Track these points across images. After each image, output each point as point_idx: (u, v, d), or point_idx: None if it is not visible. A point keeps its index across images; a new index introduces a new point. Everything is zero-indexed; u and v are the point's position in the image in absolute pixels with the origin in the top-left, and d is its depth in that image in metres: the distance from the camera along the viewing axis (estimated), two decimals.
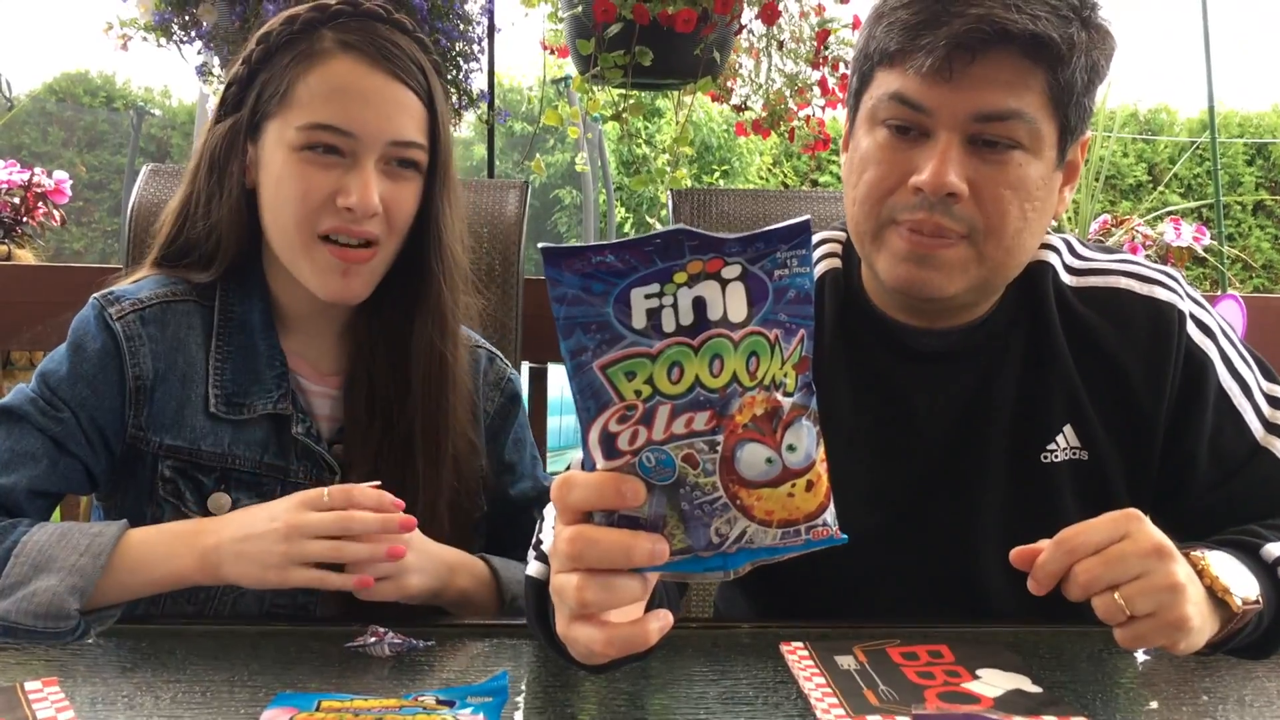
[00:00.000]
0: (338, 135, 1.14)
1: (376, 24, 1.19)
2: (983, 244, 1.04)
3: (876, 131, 1.07)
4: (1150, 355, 1.12)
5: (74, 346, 1.18)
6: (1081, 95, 1.04)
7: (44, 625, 1.01)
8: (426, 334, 1.22)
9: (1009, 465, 1.13)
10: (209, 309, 1.22)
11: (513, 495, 1.36)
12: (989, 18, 0.98)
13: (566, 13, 2.05)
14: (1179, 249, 2.45)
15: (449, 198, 1.23)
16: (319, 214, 1.15)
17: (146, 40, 1.93)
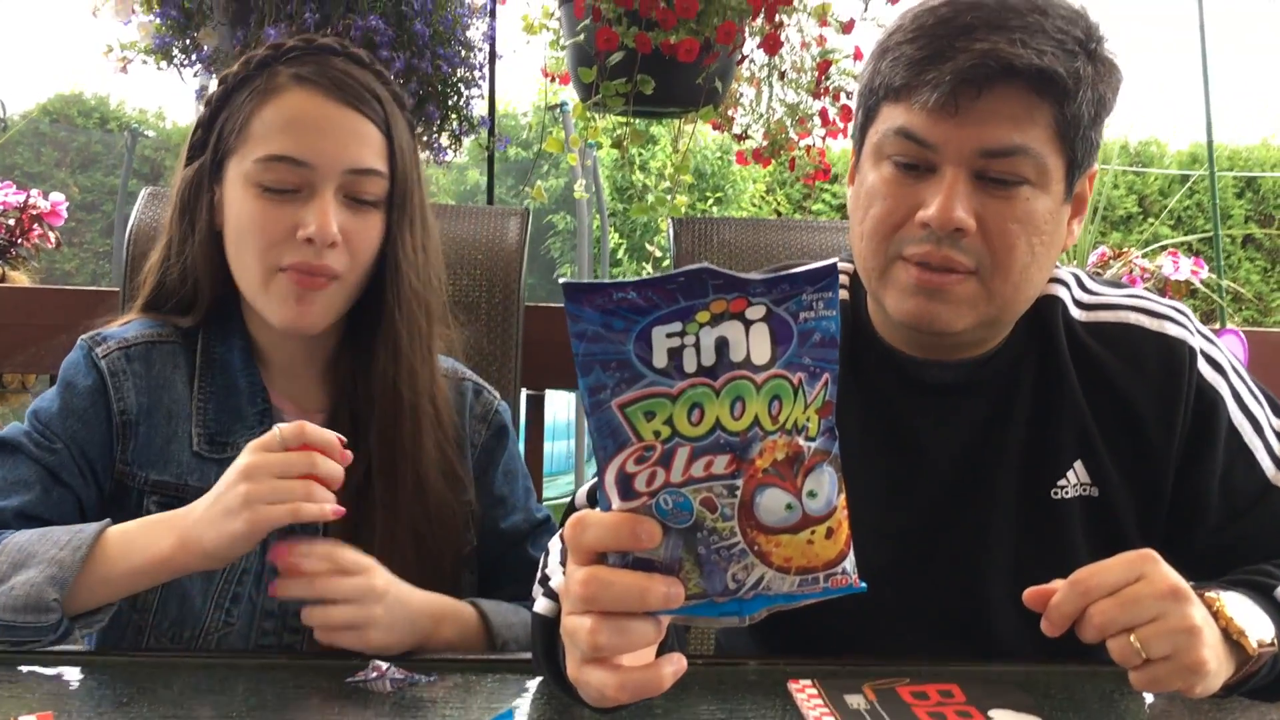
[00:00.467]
0: (294, 166, 1.14)
1: (331, 57, 1.20)
2: (990, 279, 1.03)
3: (882, 166, 1.06)
4: (1161, 392, 1.11)
5: (65, 385, 1.20)
6: (1088, 129, 1.03)
7: (24, 620, 0.99)
8: (379, 367, 1.21)
9: (1019, 501, 1.12)
10: (193, 351, 1.23)
11: (504, 528, 1.34)
12: (994, 53, 0.97)
13: (569, 40, 2.05)
14: (1177, 282, 2.45)
15: (412, 229, 1.22)
16: (279, 249, 1.15)
17: (146, 63, 1.92)
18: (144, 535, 1.05)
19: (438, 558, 1.23)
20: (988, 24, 0.99)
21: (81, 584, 1.02)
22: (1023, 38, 0.98)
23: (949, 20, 1.00)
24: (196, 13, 1.90)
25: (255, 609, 1.18)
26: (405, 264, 1.21)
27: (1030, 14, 0.99)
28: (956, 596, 1.13)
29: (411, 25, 1.91)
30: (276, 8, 1.82)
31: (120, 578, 1.04)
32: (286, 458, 1.03)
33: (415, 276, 1.22)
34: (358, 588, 1.07)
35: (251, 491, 1.00)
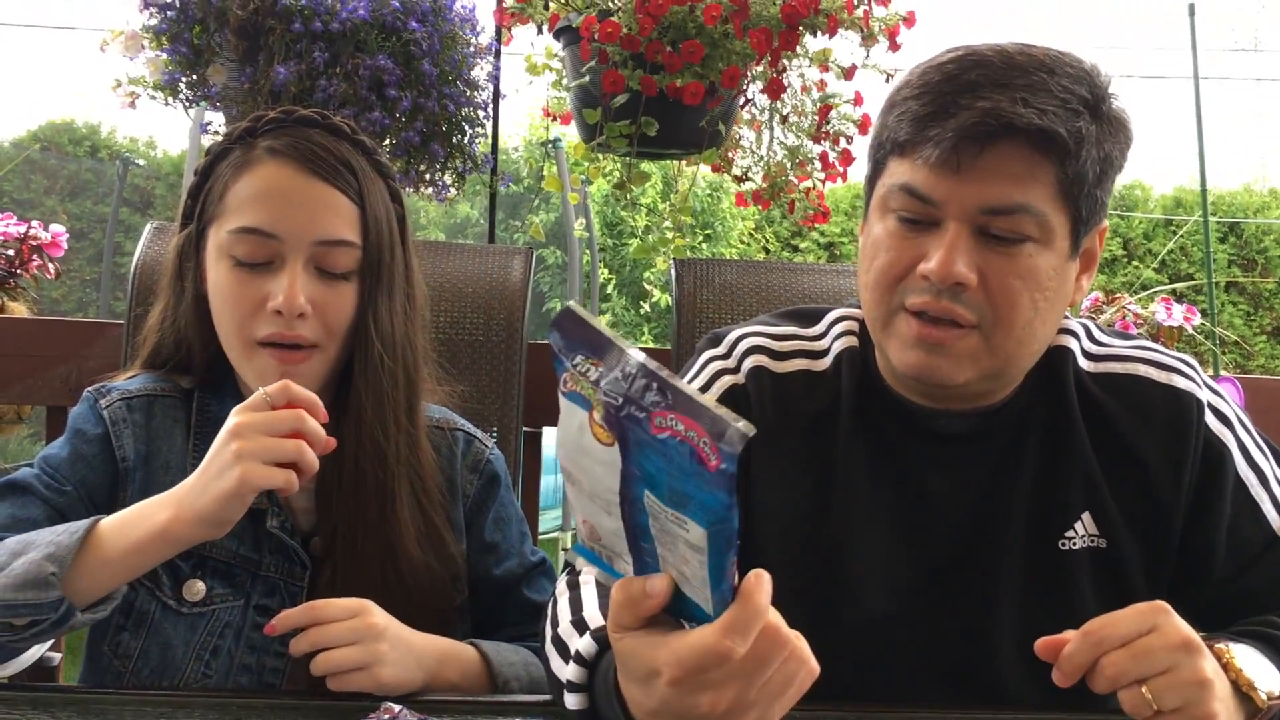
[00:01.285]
0: (264, 238, 1.16)
1: (309, 130, 1.22)
2: (993, 334, 1.04)
3: (888, 220, 1.08)
4: (1169, 444, 1.12)
5: (75, 432, 1.23)
6: (1094, 187, 1.04)
7: (25, 597, 0.99)
8: (346, 445, 1.19)
9: (1026, 551, 1.13)
10: (190, 408, 1.25)
11: (498, 575, 1.35)
12: (995, 111, 0.99)
13: (573, 82, 2.07)
14: (1170, 328, 2.48)
15: (391, 296, 1.23)
16: (253, 321, 1.17)
17: (155, 99, 1.93)
18: (138, 514, 1.06)
19: (415, 622, 1.23)
20: (992, 82, 1.00)
21: (82, 568, 1.02)
22: (1025, 96, 0.99)
23: (955, 77, 1.02)
24: (205, 49, 1.91)
25: (233, 662, 1.19)
26: (376, 336, 1.21)
27: (1036, 72, 1.01)
28: (965, 645, 1.14)
29: (419, 65, 1.93)
30: (286, 47, 1.84)
31: (120, 558, 1.04)
32: (274, 415, 1.04)
33: (388, 349, 1.22)
34: (356, 629, 1.08)
35: (242, 448, 1.01)
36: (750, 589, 0.71)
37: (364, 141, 1.25)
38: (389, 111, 1.93)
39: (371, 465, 1.20)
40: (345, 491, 1.20)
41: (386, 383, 1.22)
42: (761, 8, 1.95)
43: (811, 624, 1.15)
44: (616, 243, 10.05)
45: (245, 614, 1.20)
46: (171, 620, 1.18)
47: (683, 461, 0.67)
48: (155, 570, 1.16)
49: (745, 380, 1.19)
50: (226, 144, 1.23)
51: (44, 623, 1.00)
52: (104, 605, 1.05)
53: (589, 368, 0.71)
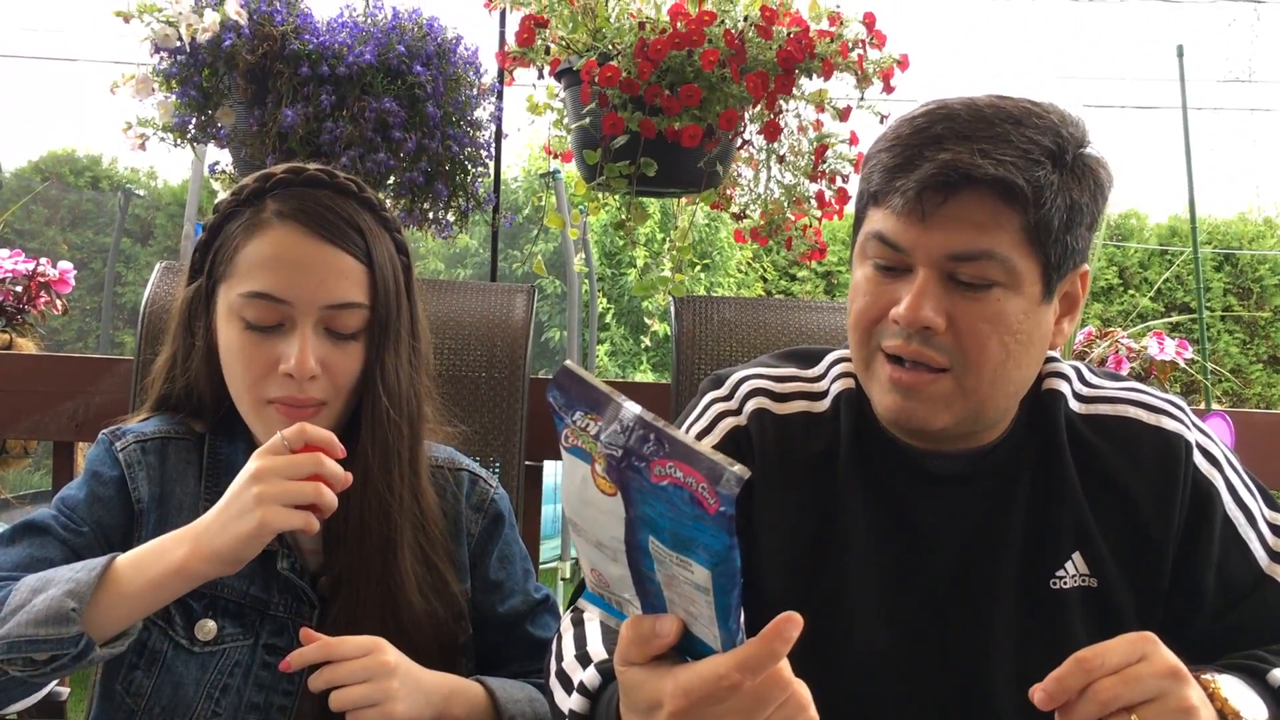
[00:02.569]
0: (274, 303, 1.19)
1: (318, 190, 1.24)
2: (964, 377, 1.08)
3: (865, 265, 1.13)
4: (1159, 485, 1.15)
5: (92, 474, 1.26)
6: (1061, 233, 1.06)
7: (46, 633, 1.01)
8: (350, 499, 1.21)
9: (1018, 589, 1.15)
10: (202, 451, 1.28)
11: (502, 612, 1.37)
12: (954, 164, 1.03)
13: (574, 123, 2.11)
14: (1162, 363, 2.51)
15: (398, 350, 1.26)
16: (264, 382, 1.20)
17: (164, 140, 1.97)
18: (153, 551, 1.09)
19: (419, 662, 1.26)
20: (956, 135, 1.05)
21: (100, 604, 1.05)
22: (985, 148, 1.03)
23: (922, 130, 1.07)
24: (214, 92, 1.95)
25: (241, 701, 1.21)
26: (383, 393, 1.24)
27: (1002, 124, 1.05)
28: (960, 682, 1.16)
29: (424, 107, 1.97)
30: (293, 90, 1.88)
31: (137, 593, 1.07)
32: (294, 459, 1.08)
33: (394, 403, 1.25)
34: (369, 666, 1.11)
35: (263, 493, 1.05)
36: (775, 631, 0.74)
37: (370, 198, 1.27)
38: (394, 152, 1.97)
39: (375, 519, 1.23)
40: (349, 543, 1.23)
41: (392, 436, 1.24)
42: (758, 52, 1.99)
43: (811, 659, 1.18)
44: (615, 272, 10.10)
45: (254, 653, 1.22)
46: (183, 659, 1.20)
47: (683, 506, 0.70)
48: (168, 610, 1.19)
49: (747, 422, 1.22)
50: (235, 203, 1.25)
51: (64, 657, 1.02)
52: (121, 640, 1.08)
53: (588, 423, 0.74)
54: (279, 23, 1.90)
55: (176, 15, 1.87)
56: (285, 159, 1.96)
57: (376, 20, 2.00)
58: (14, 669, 1.03)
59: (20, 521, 1.22)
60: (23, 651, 1.02)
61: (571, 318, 4.82)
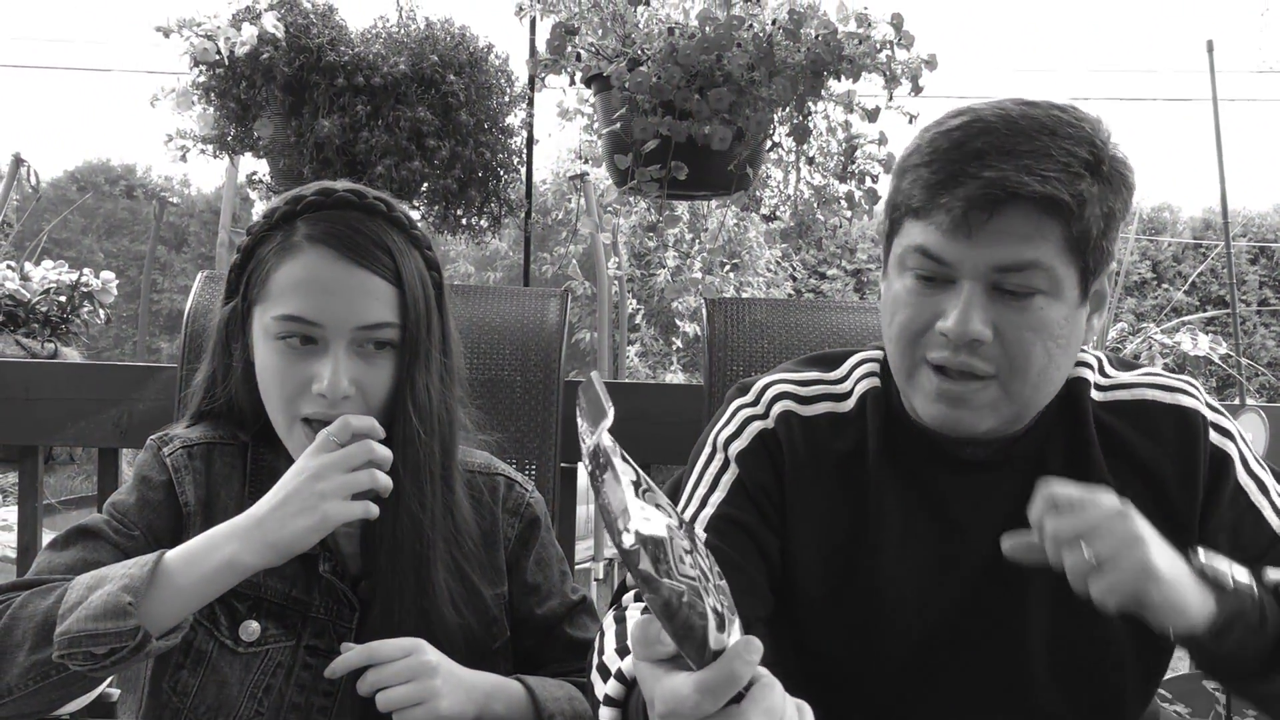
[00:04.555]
0: (307, 325, 1.20)
1: (347, 212, 1.25)
2: (1010, 383, 1.09)
3: (905, 277, 1.13)
4: (1181, 459, 1.18)
5: (141, 479, 1.29)
6: (1099, 240, 1.09)
7: (104, 627, 1.05)
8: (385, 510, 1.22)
9: (1052, 571, 1.17)
10: (246, 458, 1.31)
11: (540, 614, 1.39)
12: (1001, 181, 1.03)
13: (604, 129, 2.13)
14: (1195, 358, 2.51)
15: (428, 366, 1.27)
16: (297, 400, 1.22)
17: (204, 152, 2.01)
18: (205, 546, 1.12)
19: (477, 653, 1.28)
20: (997, 150, 1.05)
21: (154, 598, 1.08)
22: (1027, 163, 1.03)
23: (961, 145, 1.07)
24: (252, 104, 1.99)
25: (283, 701, 1.24)
26: (414, 413, 1.25)
27: (1039, 136, 1.05)
28: (996, 666, 1.18)
29: (457, 115, 2.00)
30: (330, 100, 1.91)
31: (190, 588, 1.10)
32: (348, 453, 1.13)
33: (424, 420, 1.26)
34: (411, 666, 1.15)
35: (325, 488, 1.11)
36: (734, 654, 0.74)
37: (399, 217, 1.28)
38: (428, 160, 2.00)
39: (409, 537, 1.25)
40: (383, 561, 1.25)
41: (424, 456, 1.26)
42: (787, 54, 2.01)
43: (851, 650, 1.21)
44: (645, 273, 10.14)
45: (296, 654, 1.25)
46: (228, 659, 1.23)
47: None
48: (213, 610, 1.22)
49: (775, 425, 1.24)
50: (267, 226, 1.26)
51: (123, 650, 1.06)
52: (175, 633, 1.11)
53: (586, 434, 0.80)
54: (315, 35, 1.93)
55: (215, 30, 1.91)
56: (322, 168, 2.00)
57: (410, 31, 2.03)
58: (74, 663, 1.06)
59: (73, 526, 1.25)
60: (83, 646, 1.05)
61: (602, 319, 4.84)
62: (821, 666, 1.23)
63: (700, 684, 0.73)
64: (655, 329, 10.01)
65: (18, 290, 2.39)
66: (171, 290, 13.40)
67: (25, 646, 1.08)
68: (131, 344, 10.92)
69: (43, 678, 1.08)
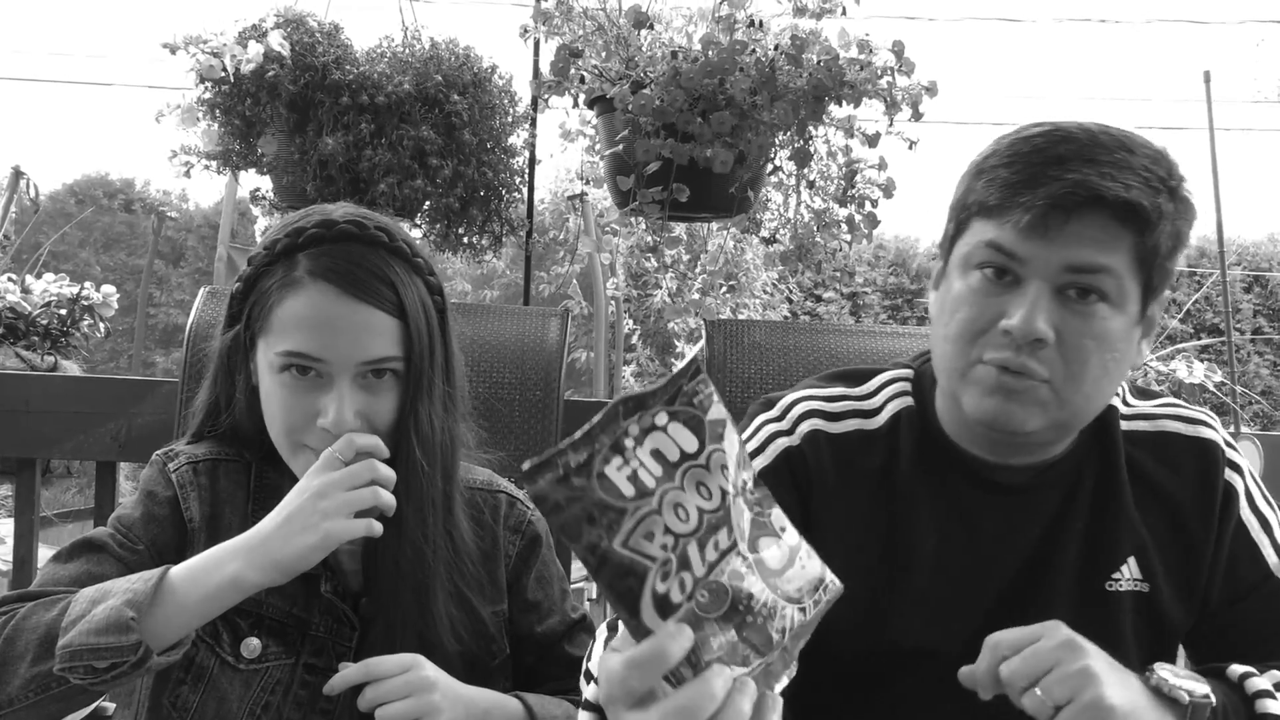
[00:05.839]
0: (311, 361, 1.21)
1: (350, 246, 1.24)
2: (1063, 388, 1.10)
3: (970, 275, 1.13)
4: (1199, 490, 1.20)
5: (147, 494, 1.29)
6: (1165, 259, 1.10)
7: (106, 641, 1.05)
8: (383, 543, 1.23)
9: (1076, 591, 1.19)
10: (251, 475, 1.32)
11: (540, 632, 1.39)
12: (1085, 183, 1.05)
13: (607, 150, 2.15)
14: (1191, 385, 2.52)
15: (431, 395, 1.27)
16: (301, 431, 1.22)
17: (208, 168, 2.02)
18: (208, 563, 1.13)
19: (479, 672, 1.29)
20: (1079, 157, 1.06)
21: (157, 614, 1.08)
22: (1111, 171, 1.06)
23: (1043, 150, 1.08)
24: (257, 121, 2.00)
25: (281, 718, 1.24)
26: (417, 443, 1.25)
27: (1118, 151, 1.07)
28: None
29: (460, 134, 2.01)
30: (334, 119, 1.92)
31: (194, 605, 1.10)
32: (351, 471, 1.14)
33: (427, 449, 1.26)
34: (410, 682, 1.15)
35: (328, 506, 1.12)
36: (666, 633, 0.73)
37: (400, 247, 1.27)
38: (430, 179, 2.01)
39: (410, 565, 1.25)
40: (384, 589, 1.25)
41: (426, 485, 1.26)
42: (789, 79, 2.02)
43: (877, 669, 1.21)
44: (641, 293, 10.15)
45: (294, 672, 1.25)
46: (228, 676, 1.23)
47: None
48: (215, 627, 1.22)
49: (801, 443, 1.25)
50: (269, 258, 1.26)
51: (124, 665, 1.06)
52: (177, 649, 1.11)
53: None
54: (320, 54, 1.94)
55: (221, 47, 1.92)
56: (325, 186, 2.01)
57: (415, 51, 2.05)
58: (75, 677, 1.06)
59: (78, 539, 1.25)
60: (84, 660, 1.05)
61: (598, 339, 4.85)
62: (844, 682, 1.23)
63: (629, 659, 0.73)
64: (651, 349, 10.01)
65: (18, 303, 2.39)
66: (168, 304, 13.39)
67: (27, 658, 1.08)
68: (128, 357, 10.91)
69: (43, 690, 1.08)
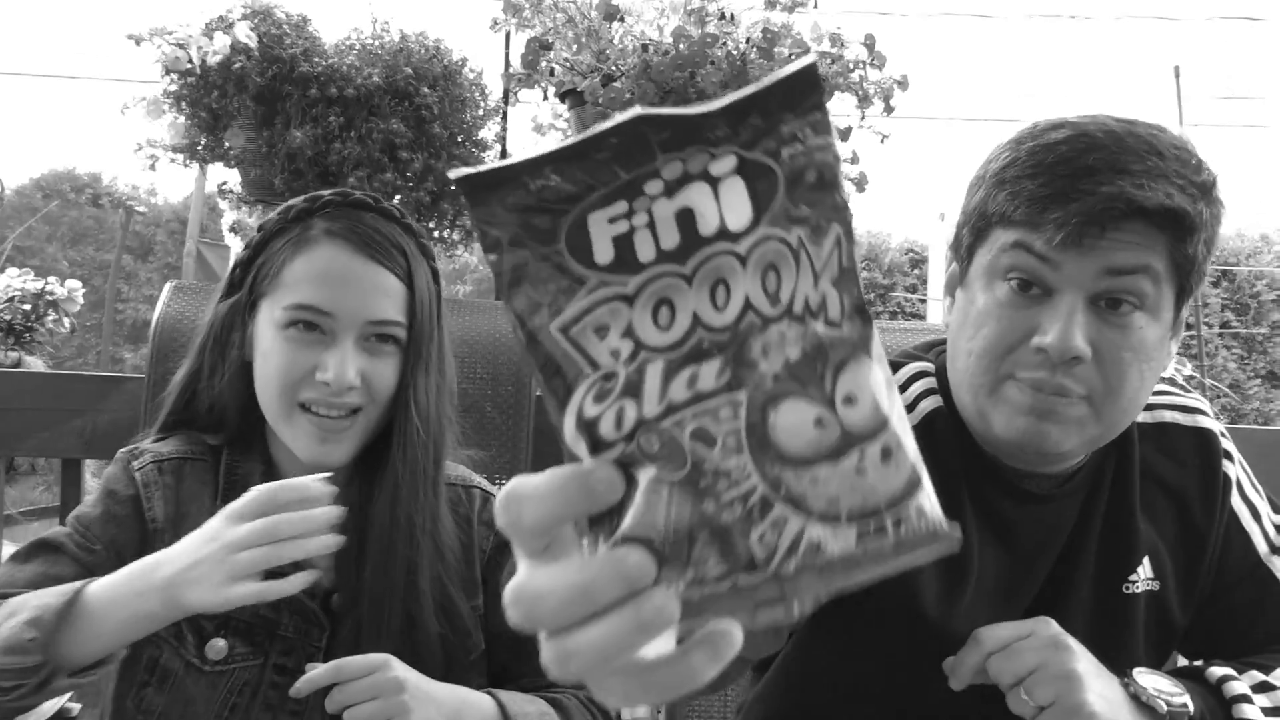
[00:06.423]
0: (318, 315, 1.22)
1: (363, 212, 1.28)
2: (1101, 405, 1.04)
3: (996, 287, 1.06)
4: (1203, 482, 1.19)
5: (107, 493, 1.27)
6: (1201, 264, 1.05)
7: (6, 662, 1.02)
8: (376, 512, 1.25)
9: (1095, 595, 1.17)
10: (218, 469, 1.29)
11: (514, 629, 1.38)
12: (1123, 196, 0.97)
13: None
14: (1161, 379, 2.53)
15: (427, 371, 1.28)
16: (299, 386, 1.22)
17: (174, 161, 1.99)
18: (127, 585, 1.07)
19: (455, 666, 1.27)
20: (1110, 167, 0.99)
21: (72, 635, 1.04)
22: (1145, 181, 0.98)
23: (1070, 160, 1.00)
24: (223, 114, 1.97)
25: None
26: (415, 409, 1.26)
27: (1149, 157, 1.00)
28: None
29: (431, 128, 1.99)
30: (302, 111, 1.90)
31: (111, 633, 1.07)
32: (270, 524, 1.05)
33: (423, 422, 1.27)
34: (378, 683, 1.12)
35: (235, 566, 1.03)
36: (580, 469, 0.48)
37: (411, 225, 1.31)
38: (400, 173, 2.00)
39: (402, 537, 1.25)
40: (374, 561, 1.24)
41: (421, 456, 1.27)
42: (760, 73, 2.02)
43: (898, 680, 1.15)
44: None
45: (263, 673, 1.23)
46: (194, 677, 1.21)
47: None
48: (180, 628, 1.20)
49: None
50: (282, 222, 1.28)
51: (25, 687, 1.02)
52: (97, 669, 1.07)
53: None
54: (288, 46, 1.92)
55: (187, 38, 1.90)
56: (293, 179, 1.99)
57: (384, 43, 2.03)
58: None
59: (36, 539, 1.23)
60: None
61: None
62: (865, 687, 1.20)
63: (533, 485, 0.49)
64: None
65: None
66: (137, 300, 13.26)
67: None
68: (95, 353, 10.80)
69: None
